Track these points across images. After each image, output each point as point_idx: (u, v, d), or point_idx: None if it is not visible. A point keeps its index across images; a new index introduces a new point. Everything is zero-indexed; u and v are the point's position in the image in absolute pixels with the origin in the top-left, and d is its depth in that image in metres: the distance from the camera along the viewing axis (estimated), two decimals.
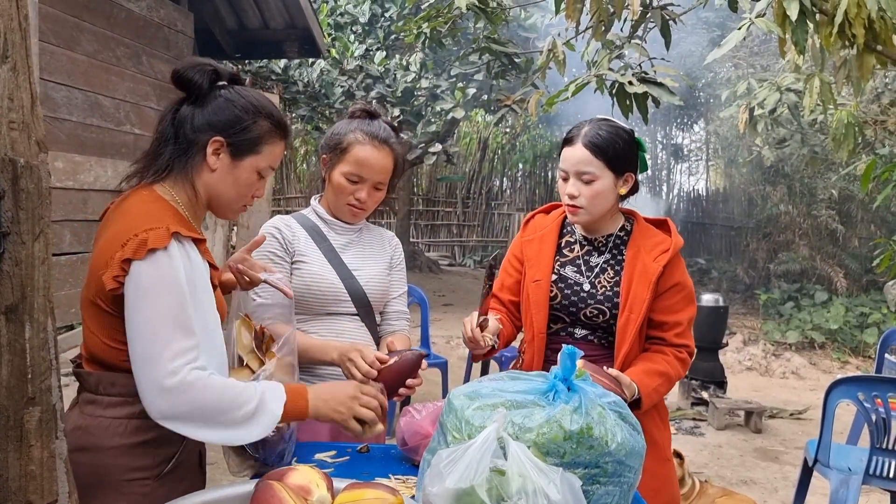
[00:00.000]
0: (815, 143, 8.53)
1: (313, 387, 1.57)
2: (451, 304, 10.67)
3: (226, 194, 1.59)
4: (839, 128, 5.19)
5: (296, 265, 2.06)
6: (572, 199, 2.01)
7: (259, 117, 1.58)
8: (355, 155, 2.03)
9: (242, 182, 1.59)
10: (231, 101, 1.56)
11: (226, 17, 6.82)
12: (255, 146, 1.58)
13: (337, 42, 9.48)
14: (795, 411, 6.38)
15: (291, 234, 2.07)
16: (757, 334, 9.40)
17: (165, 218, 1.46)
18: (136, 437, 1.48)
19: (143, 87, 5.23)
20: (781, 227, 11.24)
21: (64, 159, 4.39)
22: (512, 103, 4.65)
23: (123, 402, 1.48)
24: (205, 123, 1.54)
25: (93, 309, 1.49)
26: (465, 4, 4.35)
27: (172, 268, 1.41)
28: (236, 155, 1.56)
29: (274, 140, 1.61)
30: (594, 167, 1.98)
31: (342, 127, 2.10)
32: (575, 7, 3.95)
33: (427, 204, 16.82)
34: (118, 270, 1.39)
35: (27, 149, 1.19)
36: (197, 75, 1.54)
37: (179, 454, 1.53)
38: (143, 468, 1.48)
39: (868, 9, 2.88)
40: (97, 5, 4.69)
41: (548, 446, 1.18)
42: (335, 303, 2.07)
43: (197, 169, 1.56)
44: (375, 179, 2.06)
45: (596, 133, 1.99)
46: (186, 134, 1.55)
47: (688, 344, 2.04)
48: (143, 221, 1.44)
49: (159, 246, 1.39)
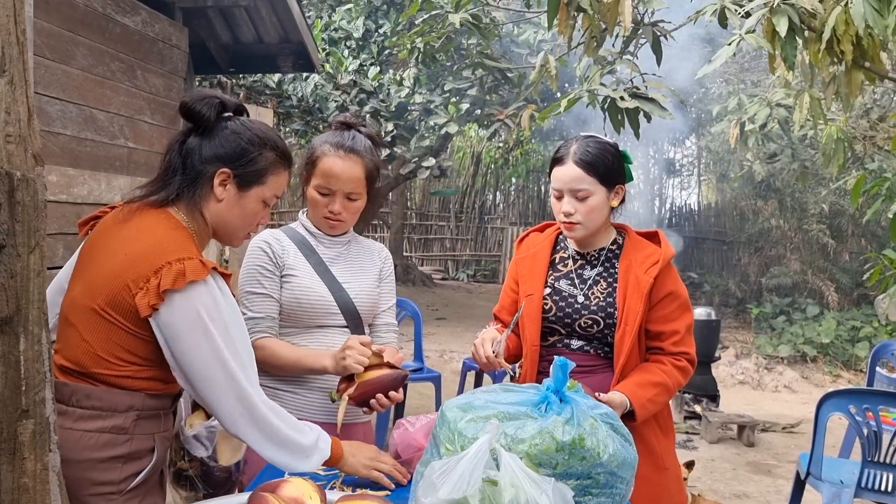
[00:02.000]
0: (805, 157, 8.60)
1: (346, 442, 1.69)
2: (445, 317, 10.67)
3: (232, 223, 1.64)
4: (829, 143, 5.25)
5: (285, 279, 2.05)
6: (568, 217, 2.05)
7: (264, 149, 1.62)
8: (322, 167, 2.02)
9: (248, 212, 1.64)
10: (237, 134, 1.60)
11: (220, 31, 6.84)
12: (260, 177, 1.62)
13: (331, 57, 9.52)
14: (788, 425, 6.40)
15: (281, 249, 2.07)
16: (749, 348, 9.43)
17: (192, 248, 1.51)
18: (105, 451, 1.48)
19: (137, 101, 5.24)
20: (773, 242, 11.31)
21: (58, 173, 4.40)
22: (505, 118, 4.69)
23: (96, 415, 1.48)
24: (212, 155, 1.58)
25: (94, 318, 1.48)
26: (459, 20, 4.39)
27: (213, 299, 1.46)
28: (242, 186, 1.61)
29: (278, 170, 1.66)
30: (587, 184, 2.02)
31: (315, 140, 2.11)
32: (567, 23, 3.99)
33: (420, 218, 16.86)
34: (155, 299, 1.42)
35: (23, 162, 1.19)
36: (205, 108, 1.58)
37: (148, 471, 1.54)
38: (109, 483, 1.49)
39: (856, 26, 2.93)
40: (92, 20, 4.71)
41: (540, 457, 1.19)
42: (325, 315, 2.06)
43: (205, 199, 1.60)
44: (346, 190, 2.03)
45: (585, 150, 2.03)
46: (194, 164, 1.58)
47: (686, 351, 2.05)
48: (174, 249, 1.47)
49: (198, 278, 1.43)
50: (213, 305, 1.45)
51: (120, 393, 1.49)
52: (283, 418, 1.54)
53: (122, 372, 1.49)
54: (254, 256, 2.05)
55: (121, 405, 1.49)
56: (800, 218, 10.61)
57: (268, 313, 2.02)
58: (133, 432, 1.50)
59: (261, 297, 2.02)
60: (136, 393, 1.50)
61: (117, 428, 1.48)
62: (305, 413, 2.02)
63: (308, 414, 2.02)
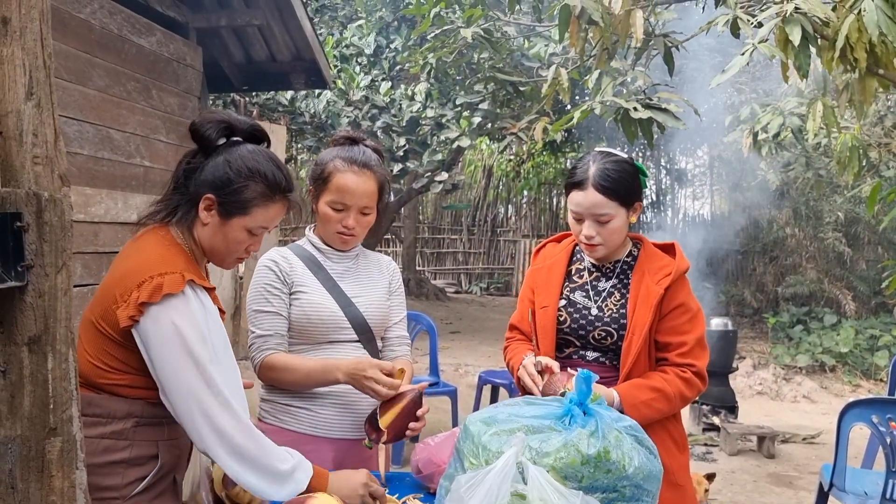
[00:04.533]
0: (819, 166, 8.55)
1: (333, 473, 1.67)
2: (459, 331, 10.65)
3: (217, 248, 1.65)
4: (843, 151, 5.22)
5: (294, 296, 2.03)
6: (590, 240, 2.05)
7: (251, 181, 1.61)
8: (336, 183, 2.00)
9: (231, 239, 1.64)
10: (227, 162, 1.61)
11: (234, 51, 6.92)
12: (243, 208, 1.61)
13: (343, 73, 9.59)
14: (808, 436, 6.32)
15: (289, 266, 2.05)
16: (766, 358, 9.34)
17: (179, 263, 1.54)
18: (106, 456, 1.52)
19: (153, 120, 5.30)
20: (788, 251, 11.22)
21: (76, 192, 4.45)
22: (518, 131, 4.70)
23: (96, 421, 1.52)
24: (203, 179, 1.61)
25: (92, 329, 1.55)
26: (471, 35, 4.42)
27: (189, 311, 1.48)
28: (224, 214, 1.61)
29: (266, 203, 1.63)
30: (609, 208, 2.01)
31: (323, 156, 2.08)
32: (578, 35, 4.01)
33: (433, 232, 16.87)
34: (134, 311, 1.46)
35: (50, 183, 1.21)
36: (209, 130, 1.61)
37: (151, 477, 1.57)
38: (112, 488, 1.52)
39: (869, 33, 2.92)
40: (108, 41, 4.77)
41: (565, 471, 1.19)
42: (336, 331, 2.05)
43: (194, 221, 1.63)
44: (360, 205, 2.03)
45: (605, 174, 2.00)
46: (189, 185, 1.62)
47: (693, 363, 2.01)
48: (158, 264, 1.51)
49: (174, 291, 1.47)
50: (187, 317, 1.48)
51: (119, 401, 1.54)
52: (256, 439, 1.52)
53: (117, 381, 1.54)
54: (261, 275, 2.04)
55: (119, 412, 1.54)
56: (815, 226, 10.53)
57: (276, 331, 2.01)
58: (133, 438, 1.55)
59: (269, 316, 2.01)
60: (135, 401, 1.55)
61: (116, 433, 1.53)
62: (319, 429, 2.02)
63: (322, 430, 2.02)
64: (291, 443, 1.97)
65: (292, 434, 2.01)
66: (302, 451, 1.97)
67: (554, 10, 4.07)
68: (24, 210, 1.15)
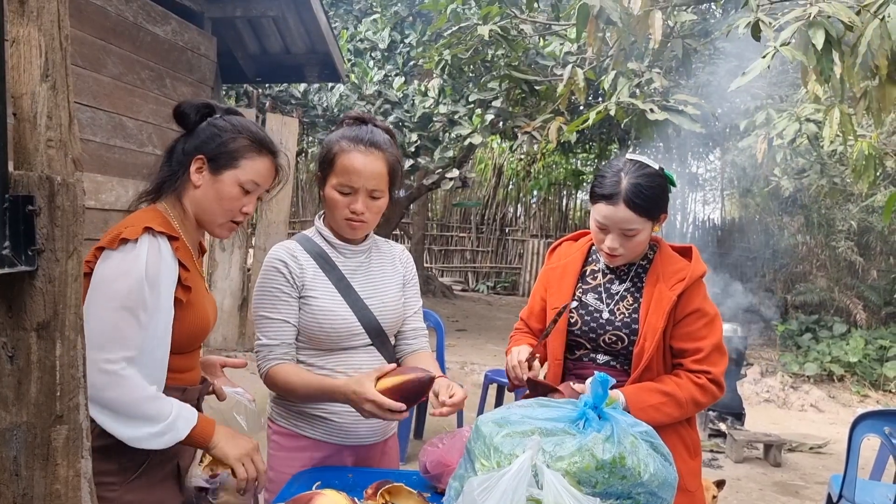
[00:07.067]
0: (834, 174, 8.48)
1: (222, 426, 1.64)
2: (465, 329, 10.63)
3: (209, 209, 1.69)
4: (859, 159, 5.16)
5: (304, 300, 1.92)
6: (613, 251, 2.00)
7: (237, 135, 1.69)
8: (342, 164, 1.87)
9: (225, 195, 1.68)
10: (213, 125, 1.70)
11: (248, 41, 6.92)
12: (232, 160, 1.67)
13: (356, 67, 9.58)
14: (815, 445, 6.27)
15: (298, 268, 1.92)
16: (775, 366, 9.28)
17: (148, 220, 1.58)
18: (97, 441, 1.48)
19: (165, 109, 5.30)
20: (799, 258, 11.15)
21: (87, 179, 4.44)
22: (532, 130, 4.67)
23: None
24: (192, 147, 1.69)
25: None
26: (488, 32, 4.39)
27: (137, 258, 1.52)
28: (215, 169, 1.67)
29: (252, 155, 1.70)
30: (638, 224, 1.95)
31: (330, 137, 1.96)
32: (596, 35, 3.97)
33: (441, 229, 16.86)
34: (90, 256, 1.53)
35: (63, 167, 1.19)
36: (189, 110, 1.70)
37: (148, 462, 1.57)
38: (108, 473, 1.53)
39: (892, 41, 2.88)
40: (124, 29, 4.77)
41: (580, 475, 1.16)
42: (349, 337, 1.93)
43: (185, 189, 1.69)
44: (368, 187, 1.87)
45: (638, 191, 1.92)
46: (178, 158, 1.69)
47: (708, 370, 1.96)
48: (126, 222, 1.58)
49: (130, 237, 1.52)
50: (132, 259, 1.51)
51: None
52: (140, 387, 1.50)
53: None
54: (269, 277, 1.92)
55: None
56: (827, 234, 10.46)
57: (283, 340, 1.90)
58: None
59: (276, 324, 1.90)
60: None
61: None
62: (334, 437, 1.97)
63: (336, 438, 1.97)
64: (308, 448, 1.95)
65: (308, 440, 1.96)
66: (320, 457, 1.95)
67: (572, 9, 4.03)
68: (37, 194, 1.13)
